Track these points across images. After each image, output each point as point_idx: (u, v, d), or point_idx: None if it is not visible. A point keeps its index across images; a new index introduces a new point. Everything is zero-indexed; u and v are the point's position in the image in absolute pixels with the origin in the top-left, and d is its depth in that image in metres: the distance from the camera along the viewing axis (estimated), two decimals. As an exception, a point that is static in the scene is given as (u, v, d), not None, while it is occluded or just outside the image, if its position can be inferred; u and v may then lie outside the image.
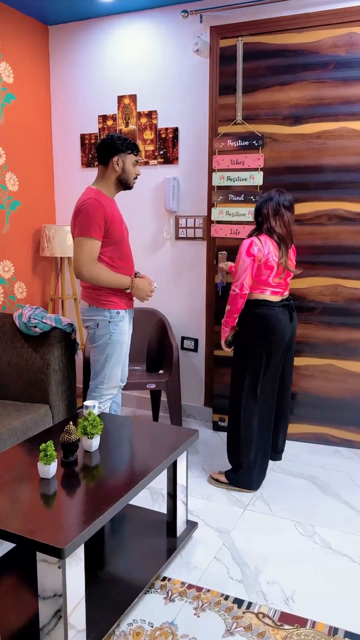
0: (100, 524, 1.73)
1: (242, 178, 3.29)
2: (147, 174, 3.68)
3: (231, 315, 2.71)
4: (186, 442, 2.27)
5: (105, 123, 3.77)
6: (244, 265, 2.62)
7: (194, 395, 3.77)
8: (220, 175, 3.34)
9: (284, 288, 2.74)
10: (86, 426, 2.11)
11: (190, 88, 3.47)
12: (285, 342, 2.72)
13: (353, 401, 3.28)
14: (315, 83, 3.10)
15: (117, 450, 2.22)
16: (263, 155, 3.22)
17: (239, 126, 3.25)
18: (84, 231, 2.53)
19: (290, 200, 2.71)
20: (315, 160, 3.16)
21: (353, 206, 3.13)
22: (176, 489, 2.33)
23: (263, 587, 2.14)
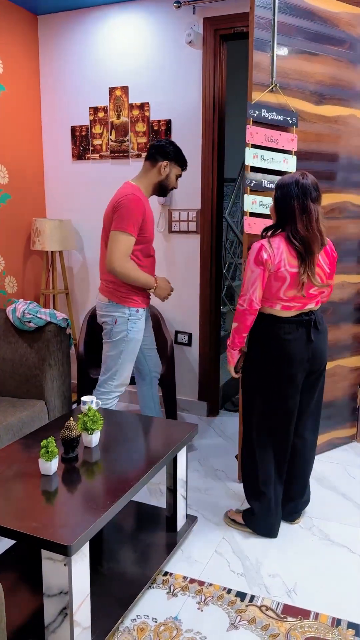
0: (106, 520, 1.71)
1: (277, 160, 2.67)
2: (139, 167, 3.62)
3: (239, 334, 2.25)
4: (187, 437, 2.26)
5: (96, 115, 3.73)
6: (252, 277, 2.16)
7: (188, 389, 3.77)
8: (254, 152, 2.62)
9: (302, 301, 2.21)
10: (86, 422, 2.09)
11: (183, 80, 3.44)
12: (302, 367, 2.24)
13: (350, 395, 3.29)
14: (335, 60, 2.83)
15: (118, 445, 2.20)
16: (297, 136, 2.70)
17: (271, 95, 2.65)
18: (121, 226, 2.53)
19: (316, 186, 2.17)
20: (333, 148, 2.92)
21: (357, 199, 3.07)
22: (176, 483, 2.32)
23: (265, 580, 2.15)
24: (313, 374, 2.32)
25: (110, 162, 3.73)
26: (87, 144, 3.79)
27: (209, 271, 3.56)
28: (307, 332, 2.23)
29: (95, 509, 1.72)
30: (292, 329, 2.21)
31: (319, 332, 2.27)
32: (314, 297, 2.24)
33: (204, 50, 3.34)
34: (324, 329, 2.32)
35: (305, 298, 2.21)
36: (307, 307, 2.24)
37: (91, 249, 3.89)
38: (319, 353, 2.29)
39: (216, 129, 3.40)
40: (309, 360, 2.26)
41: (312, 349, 2.25)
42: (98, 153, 3.76)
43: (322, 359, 2.33)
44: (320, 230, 2.15)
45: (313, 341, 2.24)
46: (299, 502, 2.49)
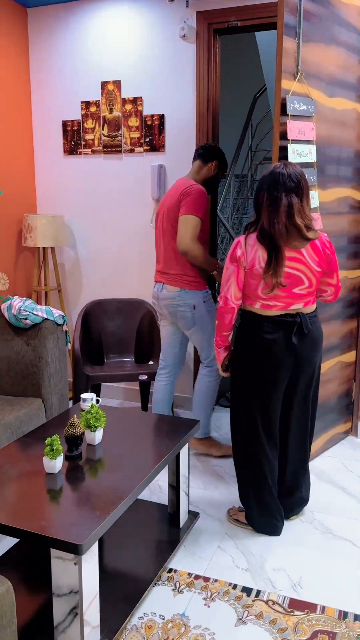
0: (114, 518, 1.69)
1: (305, 152, 2.56)
2: (132, 162, 3.62)
3: (219, 332, 2.21)
4: (189, 433, 2.25)
5: (88, 109, 3.68)
6: (227, 274, 2.11)
7: (183, 386, 3.75)
8: (293, 148, 2.47)
9: (285, 301, 2.08)
10: (89, 419, 2.07)
11: (176, 74, 3.41)
12: (284, 370, 2.12)
13: (346, 390, 3.30)
14: (345, 51, 2.76)
15: (121, 442, 2.18)
16: (315, 125, 2.61)
17: (298, 84, 2.52)
18: (193, 210, 2.74)
19: (297, 177, 1.99)
20: (339, 141, 2.86)
21: (357, 194, 3.07)
22: (179, 479, 2.31)
23: (270, 574, 2.15)
24: (298, 380, 2.19)
25: (102, 157, 3.70)
26: (79, 139, 3.74)
27: (204, 267, 3.54)
28: (287, 335, 2.08)
29: (103, 507, 1.70)
30: (272, 329, 2.09)
31: (307, 337, 2.11)
32: (300, 296, 2.09)
33: (197, 45, 3.32)
34: (315, 336, 2.15)
35: (289, 297, 2.08)
36: (293, 307, 2.10)
37: (83, 245, 3.85)
38: (305, 360, 2.13)
39: (210, 123, 3.38)
40: (291, 364, 2.13)
41: (296, 354, 2.11)
42: (90, 148, 3.72)
43: (307, 367, 2.16)
44: (296, 224, 1.97)
45: (296, 345, 2.09)
46: (291, 499, 2.42)
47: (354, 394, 3.32)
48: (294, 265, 2.05)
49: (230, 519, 2.48)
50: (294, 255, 2.04)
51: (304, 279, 2.08)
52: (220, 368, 2.34)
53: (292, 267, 2.05)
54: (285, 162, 2.06)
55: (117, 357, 3.56)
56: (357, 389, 3.31)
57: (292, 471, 2.40)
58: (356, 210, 3.09)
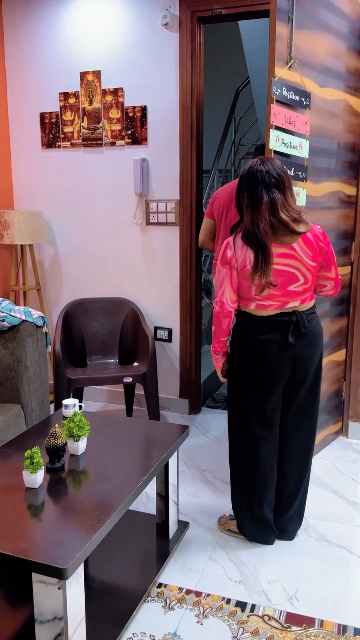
0: (101, 536, 1.58)
1: (293, 145, 2.44)
2: (113, 156, 3.48)
3: (217, 338, 2.12)
4: (178, 440, 2.14)
5: (66, 101, 3.53)
6: (220, 277, 2.01)
7: (169, 387, 3.64)
8: (276, 135, 2.33)
9: (281, 300, 1.99)
10: (72, 428, 1.94)
11: (159, 64, 3.28)
12: (281, 371, 2.04)
13: (335, 389, 3.23)
14: (335, 39, 2.65)
15: (106, 452, 2.05)
16: (309, 119, 2.50)
17: (290, 72, 2.39)
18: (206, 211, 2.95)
19: (276, 172, 1.89)
20: (331, 133, 2.77)
21: (346, 188, 2.98)
22: (167, 489, 2.20)
23: (264, 586, 2.05)
24: (297, 381, 2.10)
25: (82, 151, 3.55)
26: (58, 132, 3.59)
27: (189, 264, 3.43)
28: (284, 335, 2.00)
29: (89, 525, 1.58)
30: (267, 330, 2.01)
31: (304, 336, 2.03)
32: (296, 294, 2.00)
33: (180, 34, 3.19)
34: (313, 333, 2.07)
35: (285, 296, 1.99)
36: (289, 305, 2.01)
37: (63, 242, 3.71)
38: (303, 359, 2.05)
39: (194, 114, 3.26)
40: (289, 365, 2.04)
41: (294, 354, 2.03)
42: (69, 141, 3.58)
43: (307, 366, 2.08)
44: (282, 219, 1.88)
45: (293, 345, 2.01)
46: (286, 518, 2.27)
47: (344, 394, 3.25)
48: (286, 261, 1.95)
49: (222, 529, 2.38)
50: (284, 251, 1.93)
51: (299, 275, 1.98)
52: (221, 374, 2.23)
53: (285, 264, 1.95)
54: (262, 157, 1.97)
55: (101, 358, 3.43)
56: (347, 388, 3.23)
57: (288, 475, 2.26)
58: (346, 204, 3.01)
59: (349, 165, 2.97)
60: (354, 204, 3.05)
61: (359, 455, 3.05)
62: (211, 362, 4.21)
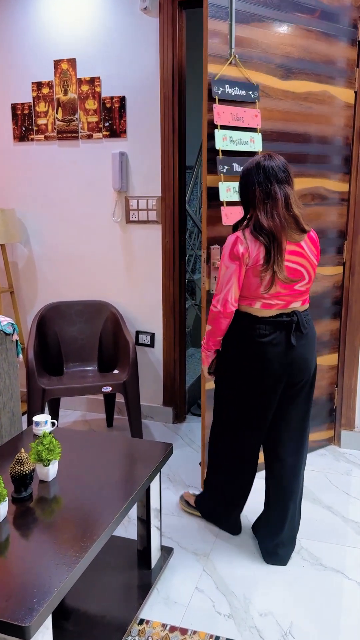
0: (74, 579, 1.38)
1: (244, 141, 2.41)
2: (90, 149, 3.27)
3: (213, 337, 2.04)
4: (161, 460, 1.94)
5: (40, 91, 3.31)
6: (227, 274, 1.90)
7: (152, 395, 3.44)
8: (223, 134, 2.34)
9: (286, 299, 1.94)
10: (41, 452, 1.74)
11: (138, 52, 3.08)
12: (279, 376, 1.96)
13: (325, 396, 3.06)
14: (304, 30, 2.56)
15: (80, 476, 1.85)
16: (260, 112, 2.45)
17: (232, 68, 2.37)
18: None
19: (285, 167, 1.89)
20: (304, 127, 2.65)
21: (330, 184, 2.82)
22: (149, 513, 2.00)
23: (256, 621, 1.87)
24: (294, 385, 2.01)
25: (57, 144, 3.33)
26: (31, 124, 3.37)
27: (172, 264, 3.23)
28: (287, 336, 1.94)
29: (59, 566, 1.38)
30: (269, 331, 1.93)
31: (303, 336, 1.97)
32: (300, 294, 1.96)
33: (160, 19, 2.99)
34: (311, 335, 2.01)
35: (290, 295, 1.93)
36: (291, 306, 1.96)
37: (38, 241, 3.49)
38: (302, 362, 1.98)
39: (176, 106, 3.06)
40: (288, 368, 1.96)
41: (293, 357, 1.95)
42: (43, 134, 3.35)
43: (305, 369, 2.00)
44: (295, 214, 1.88)
45: (294, 346, 1.94)
46: (277, 541, 2.12)
47: (336, 401, 3.08)
48: (296, 259, 1.92)
49: (183, 505, 2.46)
50: (294, 248, 1.91)
51: (305, 273, 1.95)
52: (207, 370, 2.17)
53: (294, 262, 1.92)
54: (267, 153, 1.93)
55: (78, 365, 3.22)
56: (339, 395, 3.07)
57: (280, 496, 2.13)
58: (330, 201, 2.84)
59: (335, 160, 2.80)
60: (346, 201, 2.88)
61: (352, 466, 2.89)
62: (197, 367, 4.05)
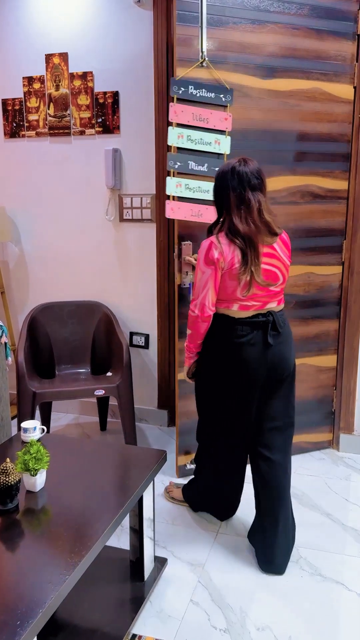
0: (60, 599, 1.30)
1: (206, 141, 2.49)
2: (83, 146, 3.19)
3: (194, 341, 2.07)
4: (154, 468, 1.87)
5: (31, 86, 3.22)
6: (203, 278, 1.93)
7: (146, 397, 3.37)
8: (179, 132, 2.45)
9: (262, 300, 1.97)
10: (28, 461, 1.66)
11: (131, 46, 2.99)
12: (258, 375, 1.99)
13: (323, 398, 2.99)
14: (289, 28, 2.54)
15: (70, 485, 1.77)
16: (231, 115, 2.49)
17: (203, 70, 2.44)
18: None
19: (258, 173, 1.93)
20: (290, 125, 2.63)
21: (324, 181, 2.75)
22: (142, 523, 1.93)
23: (253, 635, 1.79)
24: (274, 382, 2.04)
25: (49, 140, 3.25)
26: (22, 120, 3.28)
27: (167, 264, 3.15)
28: (264, 335, 1.97)
29: (45, 584, 1.30)
30: (247, 331, 1.97)
31: (280, 335, 2.01)
32: (275, 294, 2.01)
33: (154, 12, 2.91)
34: (287, 333, 2.05)
35: (266, 296, 1.98)
36: (267, 306, 2.00)
37: (29, 240, 3.40)
38: (280, 360, 2.01)
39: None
40: (266, 366, 1.99)
41: (272, 355, 1.99)
42: (34, 130, 3.27)
43: (284, 366, 2.03)
44: (267, 221, 1.92)
45: (272, 345, 1.98)
46: (273, 548, 2.05)
47: (335, 404, 3.01)
48: (270, 261, 1.97)
49: (167, 497, 2.51)
50: (268, 251, 1.96)
51: (279, 274, 2.00)
52: (189, 373, 2.19)
53: (269, 264, 1.97)
54: (242, 158, 1.96)
55: (71, 368, 3.14)
56: (338, 398, 3.00)
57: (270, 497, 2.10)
58: (323, 199, 2.78)
59: (331, 158, 2.75)
60: (344, 199, 2.81)
61: (351, 471, 2.82)
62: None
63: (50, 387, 2.80)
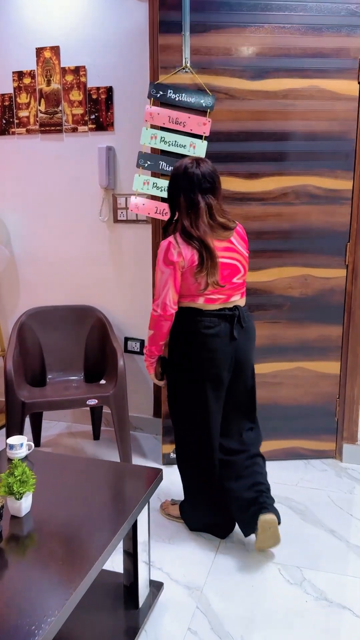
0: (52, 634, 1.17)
1: (181, 144, 2.58)
2: (75, 144, 3.06)
3: (155, 342, 2.10)
4: (149, 490, 1.74)
5: (21, 81, 3.09)
6: (163, 278, 1.98)
7: (141, 405, 3.24)
8: (152, 133, 2.59)
9: (226, 293, 2.03)
10: (12, 484, 1.53)
11: (126, 39, 2.87)
12: (226, 366, 2.06)
13: (324, 406, 2.88)
14: (280, 28, 2.51)
15: (58, 509, 1.65)
16: (210, 120, 2.55)
17: (185, 75, 2.53)
18: None
19: (211, 175, 1.97)
20: (282, 125, 2.61)
21: (323, 181, 2.67)
22: (137, 547, 1.80)
23: (255, 669, 1.67)
24: (237, 377, 2.12)
25: (39, 138, 3.12)
26: (11, 116, 3.15)
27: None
28: (230, 328, 2.04)
29: (27, 626, 1.18)
30: (214, 323, 2.03)
31: (243, 330, 2.08)
32: (238, 286, 2.07)
33: (150, 2, 2.78)
34: (250, 327, 2.13)
35: (230, 289, 2.04)
36: (232, 299, 2.06)
37: (19, 242, 3.27)
38: (242, 353, 2.10)
39: (165, 98, 2.85)
40: (232, 357, 2.07)
41: (236, 349, 2.07)
42: (25, 127, 3.14)
43: (246, 360, 2.13)
44: (220, 223, 1.99)
45: (236, 339, 2.05)
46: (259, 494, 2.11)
47: (338, 413, 2.89)
48: (229, 254, 2.03)
49: (162, 513, 2.41)
50: (226, 245, 2.02)
51: (240, 266, 2.06)
52: (156, 378, 2.22)
53: (228, 257, 2.03)
54: (195, 158, 2.02)
55: (62, 375, 3.01)
56: (341, 407, 2.88)
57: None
58: (322, 199, 2.69)
59: (331, 156, 2.65)
60: (348, 199, 2.69)
61: (355, 484, 2.70)
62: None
63: (41, 397, 2.67)
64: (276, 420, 2.86)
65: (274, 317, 2.78)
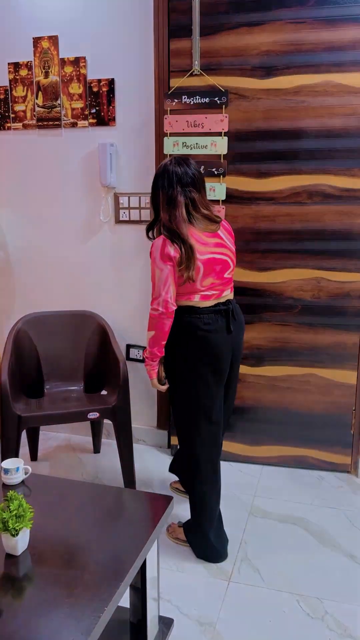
0: None
1: (202, 145, 2.60)
2: (75, 139, 2.89)
3: (157, 343, 2.04)
4: (160, 522, 1.57)
5: (17, 73, 2.92)
6: (162, 275, 1.94)
7: (145, 416, 3.08)
8: (174, 140, 2.63)
9: (219, 288, 2.04)
10: (7, 519, 1.36)
11: (129, 28, 2.70)
12: (227, 360, 2.09)
13: (338, 416, 2.73)
14: (291, 23, 2.44)
15: (59, 545, 1.47)
16: (228, 115, 2.55)
17: (196, 78, 2.57)
18: None
19: (193, 174, 1.97)
20: (293, 123, 2.52)
21: (338, 180, 2.54)
22: (145, 582, 1.63)
23: None
24: (232, 370, 2.17)
25: (37, 133, 2.95)
26: (7, 110, 2.98)
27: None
28: (227, 322, 2.06)
29: None
30: (212, 320, 2.03)
31: (236, 322, 2.12)
32: (228, 281, 2.09)
33: (155, -10, 2.62)
34: (241, 319, 2.18)
35: (220, 284, 2.04)
36: (224, 294, 2.08)
37: (15, 243, 3.10)
38: (237, 345, 2.16)
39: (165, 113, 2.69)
40: (231, 351, 2.10)
41: (232, 341, 2.10)
42: (21, 121, 2.97)
43: (240, 351, 2.20)
44: (204, 214, 2.00)
45: (232, 332, 2.08)
46: None
47: (354, 426, 2.73)
48: (220, 250, 2.03)
49: (169, 537, 2.28)
50: (217, 240, 2.03)
51: (230, 262, 2.07)
52: (157, 383, 2.15)
53: (220, 252, 2.03)
54: (176, 157, 2.03)
55: (61, 385, 2.84)
56: (357, 419, 2.72)
57: None
58: (339, 199, 2.55)
59: (347, 154, 2.53)
60: (362, 199, 2.55)
61: (373, 502, 2.54)
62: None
63: (38, 410, 2.50)
64: (286, 426, 2.79)
65: (283, 319, 2.70)
